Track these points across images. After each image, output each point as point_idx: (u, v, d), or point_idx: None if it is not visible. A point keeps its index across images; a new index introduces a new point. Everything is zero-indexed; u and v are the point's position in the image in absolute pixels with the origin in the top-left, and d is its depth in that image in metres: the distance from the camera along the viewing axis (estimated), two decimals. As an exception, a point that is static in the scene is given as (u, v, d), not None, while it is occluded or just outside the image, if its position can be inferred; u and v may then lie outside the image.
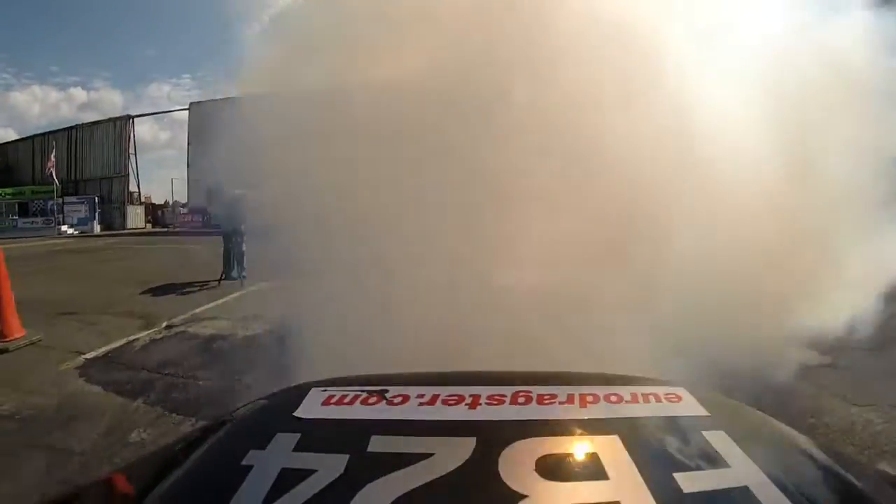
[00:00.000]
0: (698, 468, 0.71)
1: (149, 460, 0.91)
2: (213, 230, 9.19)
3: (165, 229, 17.61)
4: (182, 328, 5.20)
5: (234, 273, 7.45)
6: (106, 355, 4.39)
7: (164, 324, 5.31)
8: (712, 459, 0.72)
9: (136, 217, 29.18)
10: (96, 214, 26.68)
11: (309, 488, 0.64)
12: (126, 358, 4.33)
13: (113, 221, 27.19)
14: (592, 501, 0.63)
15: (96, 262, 10.38)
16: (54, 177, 25.33)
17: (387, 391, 0.88)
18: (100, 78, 73.54)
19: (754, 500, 0.64)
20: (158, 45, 57.89)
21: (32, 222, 26.17)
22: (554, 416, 0.83)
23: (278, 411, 0.89)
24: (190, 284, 7.37)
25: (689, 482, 0.67)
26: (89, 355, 4.35)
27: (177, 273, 8.11)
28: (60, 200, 26.67)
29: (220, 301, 6.35)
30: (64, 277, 7.95)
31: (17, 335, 4.62)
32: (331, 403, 0.86)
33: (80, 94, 53.96)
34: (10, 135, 39.85)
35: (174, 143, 53.92)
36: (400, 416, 0.82)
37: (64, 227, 25.87)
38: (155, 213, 29.71)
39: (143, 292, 6.98)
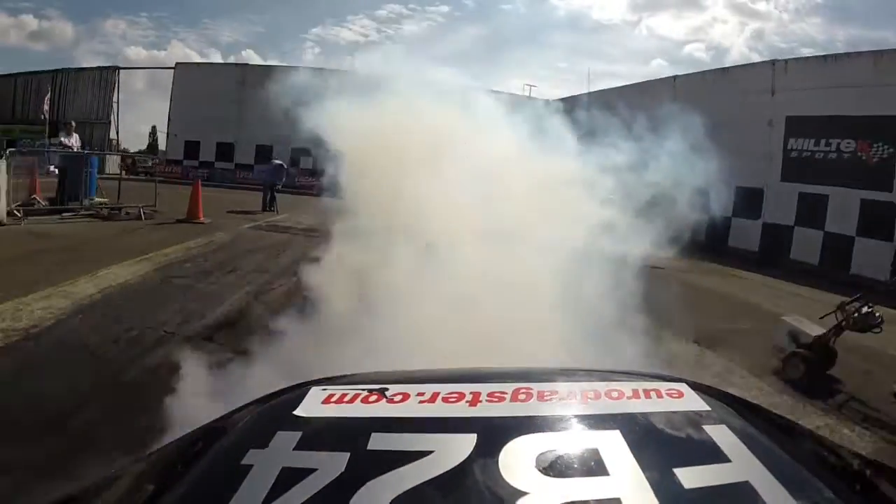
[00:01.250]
0: (700, 463, 0.71)
1: (149, 460, 0.90)
2: (188, 181, 14.21)
3: (144, 177, 19.81)
4: (266, 221, 10.88)
5: (271, 207, 12.92)
6: (246, 228, 9.90)
7: (259, 222, 10.80)
8: (713, 454, 0.72)
9: (112, 163, 32.49)
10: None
11: (310, 487, 0.65)
12: (252, 229, 9.90)
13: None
14: (593, 497, 0.63)
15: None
16: (46, 118, 28.18)
17: (387, 389, 0.88)
18: (53, 7, 68.66)
19: (756, 495, 0.64)
20: None
21: (24, 161, 28.92)
22: (554, 412, 0.83)
23: (278, 410, 0.88)
24: (249, 211, 12.66)
25: (690, 477, 0.67)
26: (243, 227, 9.86)
27: (236, 206, 12.80)
28: (47, 141, 29.47)
29: (272, 217, 11.98)
30: (169, 202, 10.99)
31: (203, 219, 9.97)
32: (331, 402, 0.86)
33: (31, 21, 51.16)
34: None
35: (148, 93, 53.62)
36: (400, 414, 0.82)
37: (51, 168, 29.16)
38: (130, 160, 32.93)
39: (230, 212, 12.16)
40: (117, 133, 32.11)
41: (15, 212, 8.75)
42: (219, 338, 3.80)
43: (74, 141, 11.53)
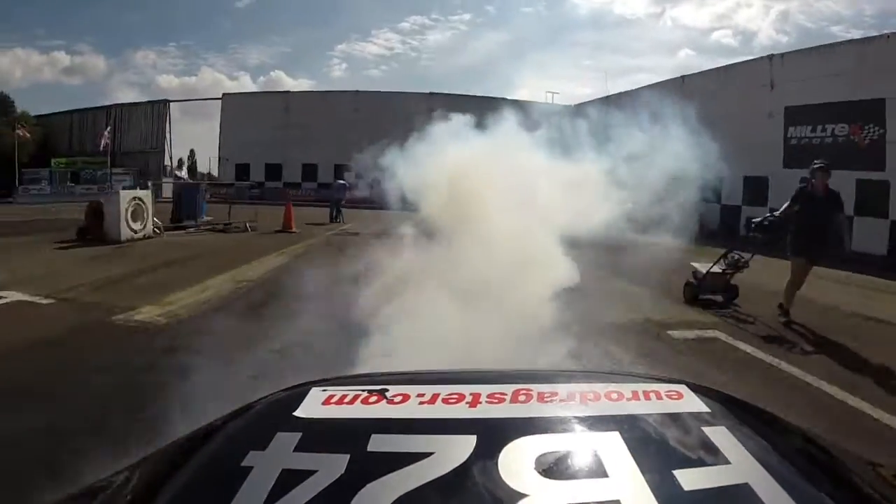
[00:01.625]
0: (699, 465, 0.71)
1: (148, 462, 0.90)
2: (244, 201, 17.32)
3: (217, 199, 23.27)
4: (339, 230, 13.14)
5: (337, 219, 15.21)
6: (329, 234, 12.11)
7: (335, 230, 13.04)
8: (713, 456, 0.73)
9: (168, 187, 35.51)
10: (139, 183, 32.81)
11: (310, 489, 0.65)
12: (335, 235, 12.28)
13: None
14: (593, 499, 0.63)
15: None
16: (108, 150, 31.20)
17: (387, 390, 0.89)
18: (84, 42, 75.98)
19: (756, 497, 0.64)
20: (142, 11, 59.93)
21: (88, 188, 31.92)
22: (554, 413, 0.83)
23: (278, 411, 0.88)
24: (322, 223, 14.97)
25: (690, 479, 0.67)
26: (327, 234, 12.10)
27: (307, 220, 15.16)
28: (109, 171, 32.55)
29: (340, 227, 14.20)
30: (251, 218, 14.24)
31: (295, 229, 12.25)
32: (331, 403, 0.86)
33: (63, 58, 53.95)
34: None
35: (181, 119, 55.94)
36: (400, 416, 0.82)
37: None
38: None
39: (307, 223, 14.42)
40: (171, 160, 35.19)
41: (155, 229, 11.19)
42: (363, 275, 5.28)
43: (184, 173, 14.22)
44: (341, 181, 17.22)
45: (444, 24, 68.44)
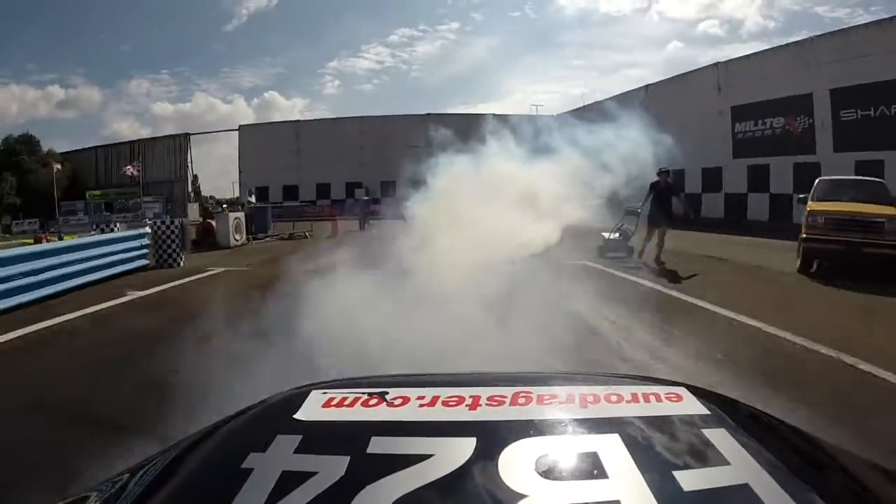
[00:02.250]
0: (699, 466, 0.72)
1: (150, 464, 0.90)
2: (291, 218, 21.20)
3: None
4: (372, 234, 15.99)
5: (364, 227, 18.41)
6: (367, 236, 15.33)
7: (369, 233, 16.22)
8: (713, 458, 0.73)
9: (193, 212, 38.35)
10: (168, 210, 35.76)
11: (310, 490, 0.65)
12: (370, 236, 15.19)
13: (177, 216, 36.39)
14: (593, 501, 0.64)
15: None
16: (137, 180, 34.11)
17: (387, 393, 0.89)
18: (77, 74, 74.78)
19: (755, 498, 0.65)
20: (132, 40, 57.65)
21: (124, 216, 34.76)
22: (554, 416, 0.83)
23: (279, 413, 0.89)
24: (355, 230, 18.03)
25: (689, 481, 0.67)
26: (364, 236, 15.60)
27: (345, 229, 18.17)
28: (139, 199, 35.48)
29: (369, 231, 17.33)
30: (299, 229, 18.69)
31: (341, 234, 15.66)
32: (331, 405, 0.87)
33: (57, 91, 53.26)
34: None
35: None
36: (400, 418, 0.83)
37: (148, 221, 35.20)
38: (206, 209, 38.95)
39: (347, 231, 17.56)
40: (193, 187, 38.18)
41: (246, 238, 15.11)
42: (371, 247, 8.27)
43: (255, 199, 17.69)
44: (365, 197, 20.42)
45: (433, 34, 69.52)
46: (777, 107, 18.53)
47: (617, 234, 9.97)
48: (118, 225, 21.39)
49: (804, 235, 8.15)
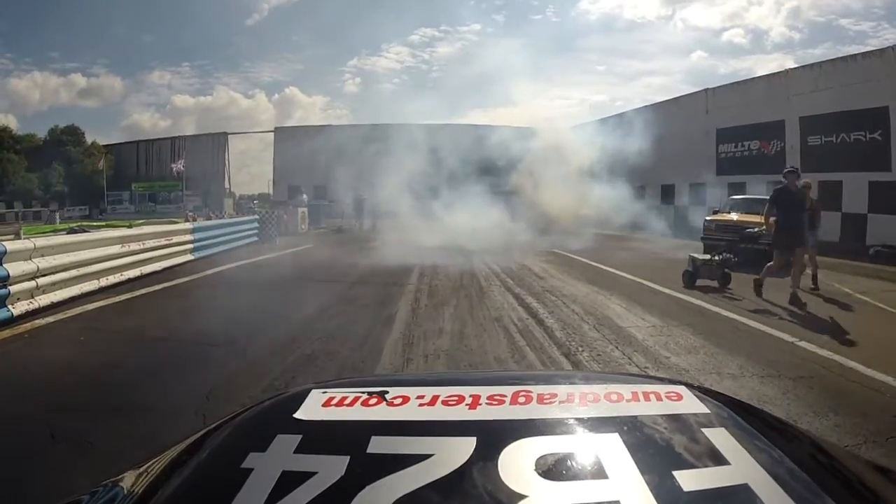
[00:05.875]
0: (699, 466, 0.72)
1: (150, 464, 0.90)
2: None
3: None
4: (362, 229, 20.04)
5: (363, 225, 20.97)
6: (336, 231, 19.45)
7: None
8: (713, 457, 0.73)
9: (228, 206, 40.82)
10: (206, 203, 38.80)
11: (310, 490, 0.65)
12: (346, 233, 19.74)
13: (216, 209, 39.15)
14: (593, 500, 0.64)
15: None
16: (181, 175, 37.23)
17: (387, 392, 0.89)
18: (99, 64, 74.27)
19: (755, 498, 0.65)
20: (155, 32, 59.13)
21: (167, 208, 37.80)
22: (554, 415, 0.83)
23: (278, 413, 0.89)
24: (351, 226, 20.76)
25: (689, 480, 0.67)
26: (368, 226, 20.17)
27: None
28: (181, 192, 38.52)
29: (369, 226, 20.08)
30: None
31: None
32: (331, 405, 0.87)
33: (79, 80, 53.95)
34: (10, 121, 42.28)
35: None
36: (400, 417, 0.83)
37: (189, 213, 36.36)
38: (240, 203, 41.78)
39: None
40: (229, 182, 41.19)
41: (308, 227, 19.31)
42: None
43: (306, 197, 20.99)
44: (363, 196, 22.10)
45: (454, 35, 67.34)
46: (754, 131, 21.33)
47: (714, 256, 8.00)
48: (215, 212, 25.63)
49: (702, 235, 11.40)
